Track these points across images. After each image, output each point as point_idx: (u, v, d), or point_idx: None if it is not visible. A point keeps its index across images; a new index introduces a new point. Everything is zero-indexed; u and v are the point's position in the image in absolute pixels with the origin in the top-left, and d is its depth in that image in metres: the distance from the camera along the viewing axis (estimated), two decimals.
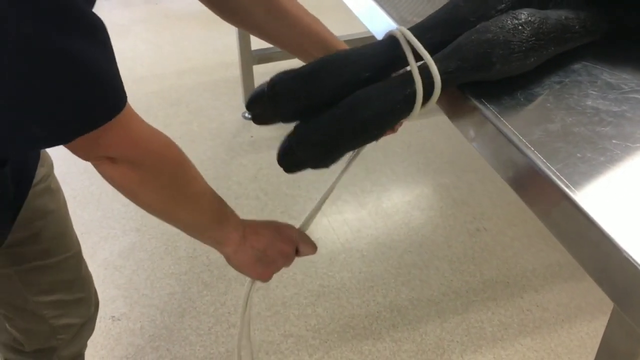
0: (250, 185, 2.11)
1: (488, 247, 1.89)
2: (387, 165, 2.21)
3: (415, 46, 0.63)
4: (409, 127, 2.42)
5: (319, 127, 0.66)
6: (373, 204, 2.04)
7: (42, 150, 0.96)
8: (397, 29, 0.66)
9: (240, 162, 2.22)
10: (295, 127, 0.69)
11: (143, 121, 0.67)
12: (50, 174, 0.98)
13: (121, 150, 0.65)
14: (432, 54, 0.64)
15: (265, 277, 0.86)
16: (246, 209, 2.00)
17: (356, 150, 0.80)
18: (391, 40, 0.66)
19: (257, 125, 0.75)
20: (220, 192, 0.80)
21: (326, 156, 0.68)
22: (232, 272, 1.84)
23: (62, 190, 1.02)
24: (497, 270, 1.81)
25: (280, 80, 0.68)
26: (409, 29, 0.67)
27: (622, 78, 0.66)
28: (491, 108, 0.62)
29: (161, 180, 0.70)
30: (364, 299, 1.72)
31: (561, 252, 1.84)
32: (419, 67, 0.63)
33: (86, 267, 1.09)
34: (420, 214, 2.02)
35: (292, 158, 0.69)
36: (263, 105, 0.70)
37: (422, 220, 1.99)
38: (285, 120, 0.70)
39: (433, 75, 0.62)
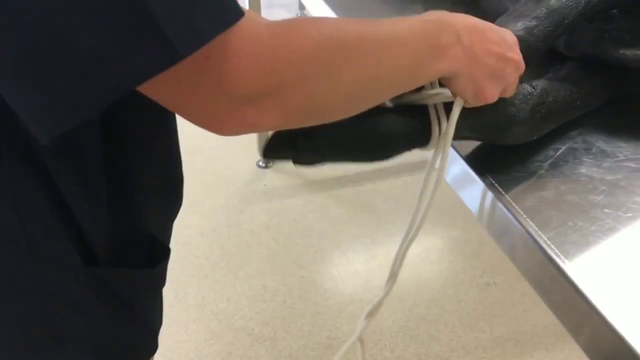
0: (262, 233, 2.12)
1: (498, 302, 1.87)
2: (398, 216, 2.22)
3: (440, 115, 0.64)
4: (422, 179, 2.43)
5: (333, 133, 0.62)
6: (384, 256, 2.04)
7: None
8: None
9: (252, 210, 2.24)
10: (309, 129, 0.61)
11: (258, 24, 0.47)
12: None
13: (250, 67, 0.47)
14: None
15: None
16: (257, 257, 2.00)
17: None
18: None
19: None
20: (232, 240, 0.75)
21: (323, 155, 0.64)
22: (239, 321, 1.86)
23: None
24: (507, 327, 1.79)
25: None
26: None
27: (618, 146, 0.67)
28: (488, 175, 0.63)
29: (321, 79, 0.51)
30: (371, 353, 1.70)
31: None
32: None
33: None
34: (430, 267, 2.01)
35: (285, 137, 0.63)
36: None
37: (432, 274, 1.99)
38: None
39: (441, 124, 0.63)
